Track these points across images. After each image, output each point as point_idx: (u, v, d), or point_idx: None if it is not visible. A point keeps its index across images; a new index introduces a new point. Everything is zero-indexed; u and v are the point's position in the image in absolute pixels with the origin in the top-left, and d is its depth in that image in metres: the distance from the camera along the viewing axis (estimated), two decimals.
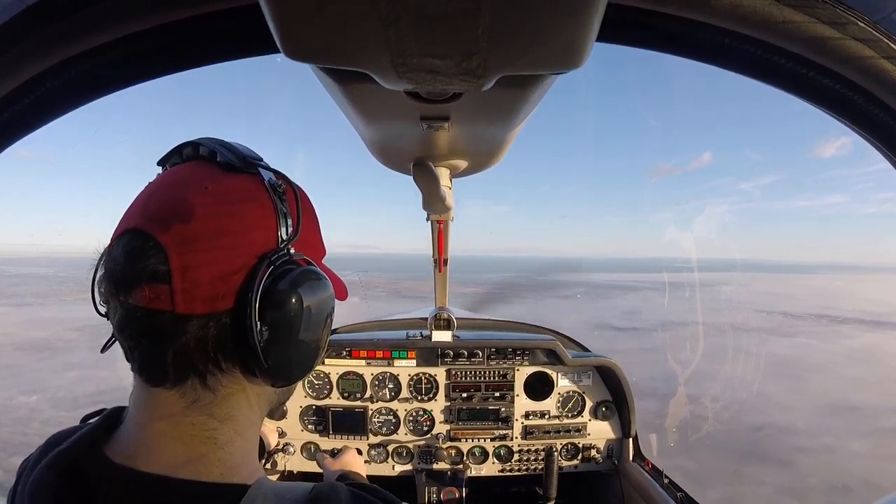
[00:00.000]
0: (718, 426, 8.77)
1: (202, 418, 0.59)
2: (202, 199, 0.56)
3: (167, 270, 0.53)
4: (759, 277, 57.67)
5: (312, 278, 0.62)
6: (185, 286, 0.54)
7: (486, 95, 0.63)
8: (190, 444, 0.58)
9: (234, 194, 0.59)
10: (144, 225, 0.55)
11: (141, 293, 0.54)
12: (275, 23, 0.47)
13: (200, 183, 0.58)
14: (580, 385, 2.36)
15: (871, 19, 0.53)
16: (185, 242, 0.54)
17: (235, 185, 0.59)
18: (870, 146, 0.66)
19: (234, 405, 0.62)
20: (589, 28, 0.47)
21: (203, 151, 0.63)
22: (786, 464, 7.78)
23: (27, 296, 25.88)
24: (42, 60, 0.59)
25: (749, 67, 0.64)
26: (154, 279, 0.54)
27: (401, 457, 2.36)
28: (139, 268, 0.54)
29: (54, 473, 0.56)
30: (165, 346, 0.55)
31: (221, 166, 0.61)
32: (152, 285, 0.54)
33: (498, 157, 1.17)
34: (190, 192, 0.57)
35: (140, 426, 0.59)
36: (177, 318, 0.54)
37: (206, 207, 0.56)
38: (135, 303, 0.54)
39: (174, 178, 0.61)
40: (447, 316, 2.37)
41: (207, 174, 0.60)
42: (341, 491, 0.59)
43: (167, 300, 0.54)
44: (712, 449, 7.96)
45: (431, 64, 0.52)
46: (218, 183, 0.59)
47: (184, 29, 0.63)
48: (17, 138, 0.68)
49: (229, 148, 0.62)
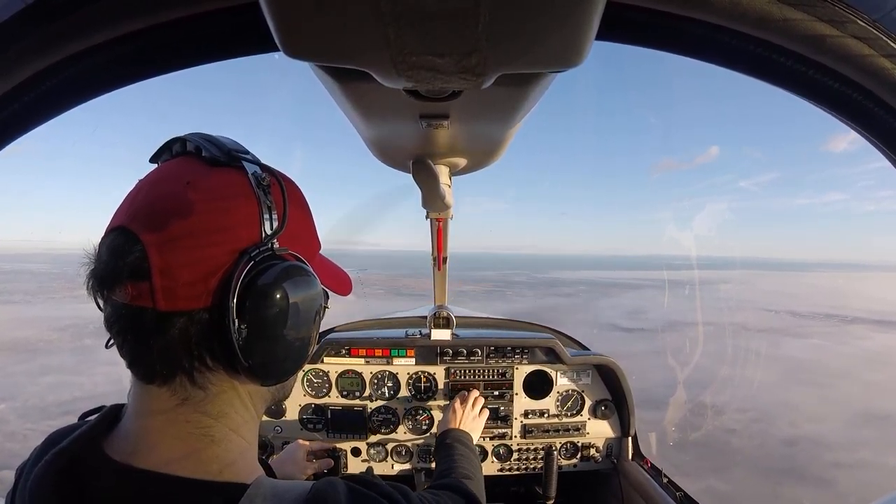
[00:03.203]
0: (748, 441, 8.17)
1: (196, 416, 0.59)
2: (184, 195, 0.56)
3: (147, 268, 0.53)
4: (759, 275, 57.42)
5: (295, 274, 0.61)
6: (165, 284, 0.53)
7: (485, 93, 0.63)
8: (186, 441, 0.58)
9: (217, 190, 0.58)
10: (128, 223, 0.56)
11: (124, 290, 0.55)
12: (274, 21, 0.47)
13: (183, 179, 0.58)
14: (579, 384, 2.37)
15: (870, 17, 0.53)
16: (167, 240, 0.54)
17: (219, 181, 0.59)
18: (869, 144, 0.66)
19: (227, 402, 0.62)
20: (588, 26, 0.47)
21: (189, 147, 0.63)
22: (824, 483, 7.08)
23: (16, 293, 25.33)
24: (41, 58, 0.59)
25: (748, 66, 0.64)
26: (135, 277, 0.54)
27: (400, 456, 2.36)
28: (120, 265, 0.54)
29: (55, 471, 0.56)
30: (150, 343, 0.55)
31: (206, 161, 0.61)
32: (134, 283, 0.54)
33: (498, 155, 1.17)
34: (172, 189, 0.57)
35: (138, 423, 0.59)
36: (159, 315, 0.54)
37: (188, 204, 0.56)
38: (118, 300, 0.55)
39: (159, 175, 0.61)
40: (446, 314, 2.37)
41: (190, 170, 0.60)
42: (340, 488, 0.59)
43: (148, 298, 0.54)
44: (744, 467, 7.32)
45: (431, 62, 0.52)
46: (201, 179, 0.58)
47: (183, 27, 0.63)
48: (16, 136, 0.68)
49: (213, 142, 0.62)
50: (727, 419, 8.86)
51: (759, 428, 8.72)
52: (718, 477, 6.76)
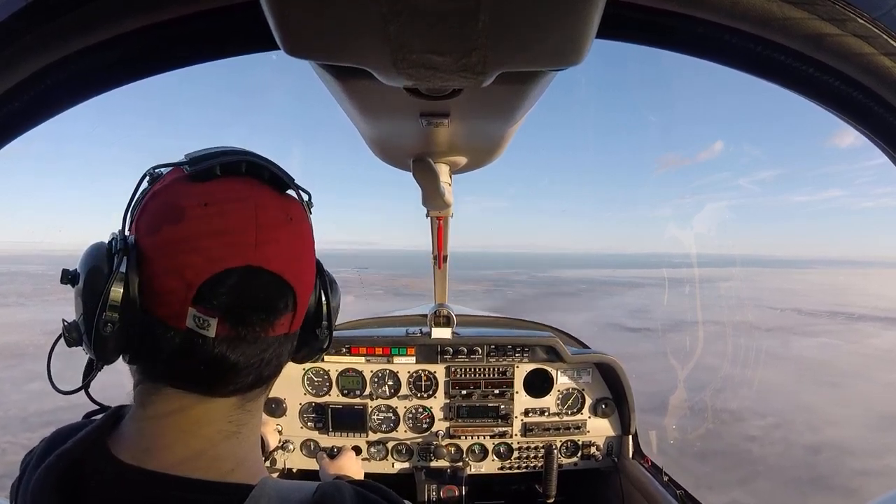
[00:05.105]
0: (770, 448, 7.73)
1: (240, 414, 0.64)
2: (291, 229, 0.63)
3: (295, 302, 0.63)
4: (759, 273, 57.12)
5: (334, 280, 0.76)
6: (300, 312, 0.65)
7: (485, 92, 0.63)
8: (210, 439, 0.60)
9: (301, 219, 0.66)
10: (263, 262, 0.58)
11: (277, 324, 0.61)
12: (275, 20, 0.47)
13: (284, 212, 0.63)
14: (580, 382, 2.37)
15: (870, 16, 0.53)
16: (297, 274, 0.63)
17: (297, 210, 0.66)
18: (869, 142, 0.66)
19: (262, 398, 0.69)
20: (588, 24, 0.47)
21: (249, 168, 0.62)
22: (851, 492, 6.57)
23: (10, 295, 24.61)
24: (41, 57, 0.59)
25: (748, 64, 0.64)
26: (286, 310, 0.62)
27: (400, 454, 2.36)
28: (280, 305, 0.61)
29: (57, 475, 0.56)
30: (269, 364, 0.63)
31: (274, 186, 0.64)
32: (284, 316, 0.62)
33: (498, 154, 1.17)
34: (282, 224, 0.62)
35: (154, 424, 0.59)
36: (287, 337, 0.65)
37: (296, 238, 0.64)
38: (272, 334, 0.61)
39: (255, 204, 0.59)
40: (447, 312, 2.38)
41: (281, 202, 0.64)
42: (345, 491, 0.59)
43: (288, 326, 0.64)
44: (768, 477, 6.91)
45: (431, 60, 0.52)
46: (289, 210, 0.64)
47: (183, 26, 0.63)
48: (16, 135, 0.68)
49: (273, 164, 0.64)
50: (747, 425, 8.53)
51: (781, 434, 8.38)
52: (743, 489, 6.45)
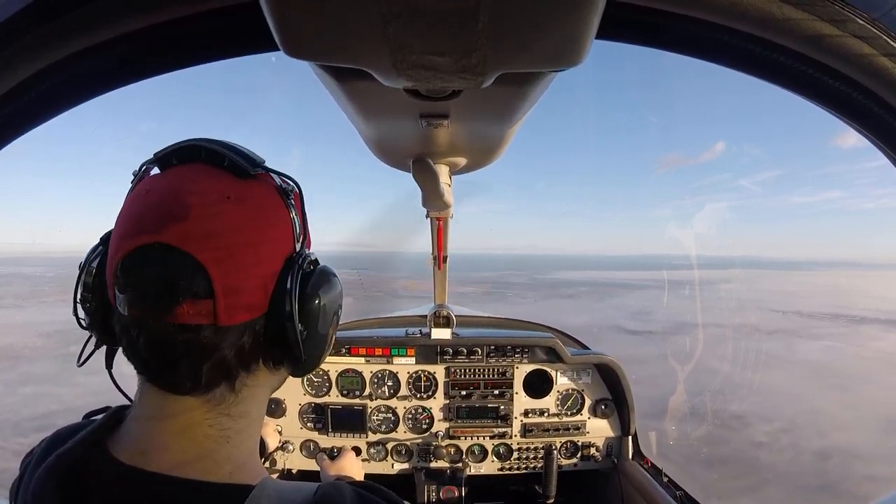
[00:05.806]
0: (778, 455, 7.61)
1: (221, 419, 0.60)
2: (229, 210, 0.56)
3: (209, 287, 0.53)
4: (759, 275, 56.88)
5: (330, 275, 0.67)
6: (228, 301, 0.55)
7: (485, 93, 0.63)
8: (203, 444, 0.59)
9: (258, 203, 0.59)
10: (173, 240, 0.53)
11: (181, 311, 0.53)
12: (275, 21, 0.47)
13: (221, 193, 0.56)
14: (579, 383, 2.37)
15: (869, 17, 0.53)
16: (222, 259, 0.54)
17: (254, 192, 0.59)
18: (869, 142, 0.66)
19: (252, 401, 0.64)
20: (588, 25, 0.47)
21: (206, 154, 0.60)
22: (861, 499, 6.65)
23: (7, 297, 24.42)
24: (41, 57, 0.59)
25: (748, 65, 0.64)
26: (196, 296, 0.53)
27: (400, 455, 2.36)
28: (181, 286, 0.53)
29: (57, 475, 0.56)
30: (204, 358, 0.56)
31: (234, 172, 0.59)
32: (194, 302, 0.53)
33: (498, 154, 1.17)
34: (213, 203, 0.56)
35: (151, 426, 0.59)
36: (217, 330, 0.55)
37: (238, 221, 0.56)
38: (173, 321, 0.53)
39: (184, 185, 0.57)
40: (446, 313, 2.37)
41: (224, 183, 0.58)
42: (346, 492, 0.59)
43: (208, 316, 0.54)
44: (777, 484, 6.82)
45: (431, 61, 0.52)
46: (238, 191, 0.58)
47: (183, 27, 0.63)
48: (16, 135, 0.68)
49: (235, 151, 0.60)
50: (754, 431, 8.39)
51: (789, 440, 8.23)
52: (752, 497, 6.33)
